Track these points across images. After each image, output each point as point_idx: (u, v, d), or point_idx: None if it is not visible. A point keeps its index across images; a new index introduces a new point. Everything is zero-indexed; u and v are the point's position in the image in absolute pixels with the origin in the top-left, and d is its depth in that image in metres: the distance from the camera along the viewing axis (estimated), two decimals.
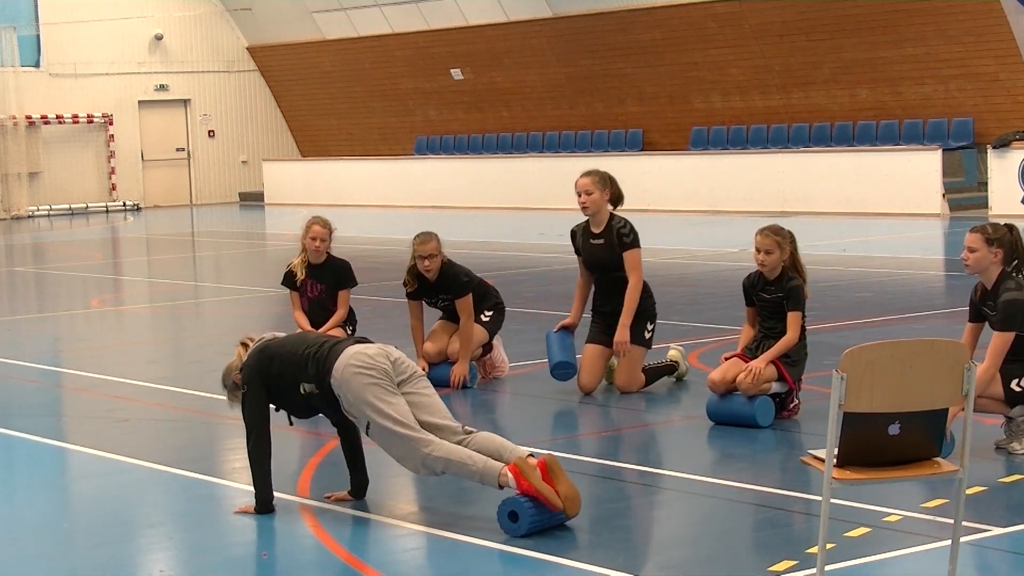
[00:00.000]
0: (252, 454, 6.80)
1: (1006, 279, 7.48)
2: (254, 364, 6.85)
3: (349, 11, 34.70)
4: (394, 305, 13.46)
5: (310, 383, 6.75)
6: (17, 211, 34.82)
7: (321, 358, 6.73)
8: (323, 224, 10.62)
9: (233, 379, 7.00)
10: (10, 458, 8.70)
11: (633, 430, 8.98)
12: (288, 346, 6.88)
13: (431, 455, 6.54)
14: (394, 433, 6.59)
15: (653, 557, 6.20)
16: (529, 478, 6.36)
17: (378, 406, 6.60)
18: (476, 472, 6.50)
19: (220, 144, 38.06)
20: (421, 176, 32.99)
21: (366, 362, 6.66)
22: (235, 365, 6.99)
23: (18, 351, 12.73)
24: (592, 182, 9.76)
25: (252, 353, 6.89)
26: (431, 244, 9.96)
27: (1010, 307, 7.36)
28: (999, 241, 7.48)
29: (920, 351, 5.14)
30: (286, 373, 6.80)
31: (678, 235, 23.45)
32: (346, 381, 6.64)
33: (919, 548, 6.04)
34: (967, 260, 7.57)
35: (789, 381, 8.57)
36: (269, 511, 6.77)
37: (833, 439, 5.12)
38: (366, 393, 6.62)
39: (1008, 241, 7.50)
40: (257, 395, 6.82)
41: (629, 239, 9.67)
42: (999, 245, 7.48)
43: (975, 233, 7.54)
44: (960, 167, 25.74)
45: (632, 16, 29.37)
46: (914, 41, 25.77)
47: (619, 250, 9.68)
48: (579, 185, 9.84)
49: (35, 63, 35.65)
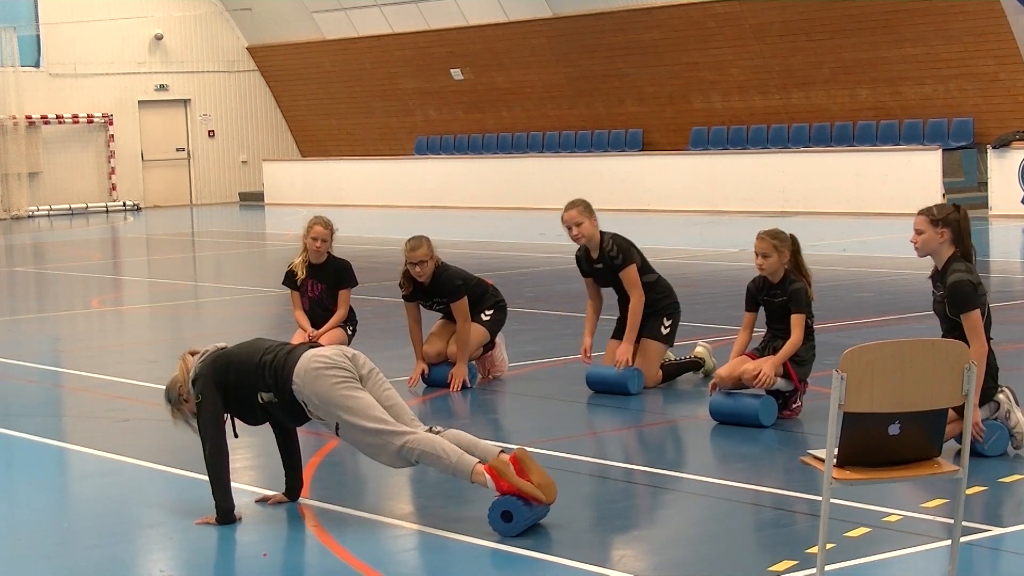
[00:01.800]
0: (210, 463, 6.73)
1: (955, 262, 7.47)
2: (209, 373, 6.78)
3: (349, 11, 34.70)
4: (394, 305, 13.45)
5: (268, 392, 6.73)
6: (17, 211, 34.82)
7: (279, 367, 6.70)
8: (324, 224, 10.63)
9: (179, 392, 6.90)
10: (10, 458, 8.69)
11: (633, 430, 8.98)
12: (243, 355, 6.83)
13: (406, 446, 6.53)
14: (366, 429, 6.57)
15: (653, 557, 6.20)
16: (507, 478, 6.38)
17: (346, 404, 6.58)
18: (449, 465, 6.50)
19: (220, 144, 38.06)
20: (421, 176, 32.99)
21: (326, 362, 6.65)
22: (179, 378, 6.90)
23: (18, 351, 12.73)
24: (579, 213, 9.86)
25: (205, 363, 6.81)
26: (421, 250, 9.94)
27: (957, 288, 7.36)
28: (944, 221, 7.48)
29: (920, 351, 5.14)
30: (243, 383, 6.77)
31: (678, 235, 23.45)
32: (309, 384, 6.62)
33: (919, 548, 6.04)
34: (915, 242, 7.59)
35: (795, 381, 8.58)
36: (230, 521, 6.70)
37: (833, 439, 5.12)
38: (332, 392, 6.60)
39: (954, 220, 7.50)
40: (213, 404, 6.76)
41: (620, 260, 9.77)
42: (944, 225, 7.48)
43: (921, 215, 7.55)
44: (960, 167, 25.74)
45: (632, 16, 29.37)
46: (914, 41, 25.77)
47: (616, 272, 9.81)
48: (567, 219, 9.89)
49: (35, 63, 35.65)
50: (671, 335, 9.88)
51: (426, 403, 9.83)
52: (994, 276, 17.00)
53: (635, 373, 9.53)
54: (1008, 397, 7.61)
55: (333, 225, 10.74)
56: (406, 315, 10.26)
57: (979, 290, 7.41)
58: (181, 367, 6.91)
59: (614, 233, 9.98)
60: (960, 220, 7.50)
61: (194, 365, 6.85)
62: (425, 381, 10.16)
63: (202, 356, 6.88)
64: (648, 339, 9.80)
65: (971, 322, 7.34)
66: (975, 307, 7.35)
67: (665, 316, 9.87)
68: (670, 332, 9.87)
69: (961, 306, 7.37)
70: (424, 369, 10.13)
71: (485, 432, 8.83)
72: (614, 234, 9.96)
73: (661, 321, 9.84)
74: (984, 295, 7.44)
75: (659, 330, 9.82)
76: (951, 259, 7.48)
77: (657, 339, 9.81)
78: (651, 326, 9.81)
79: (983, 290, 7.46)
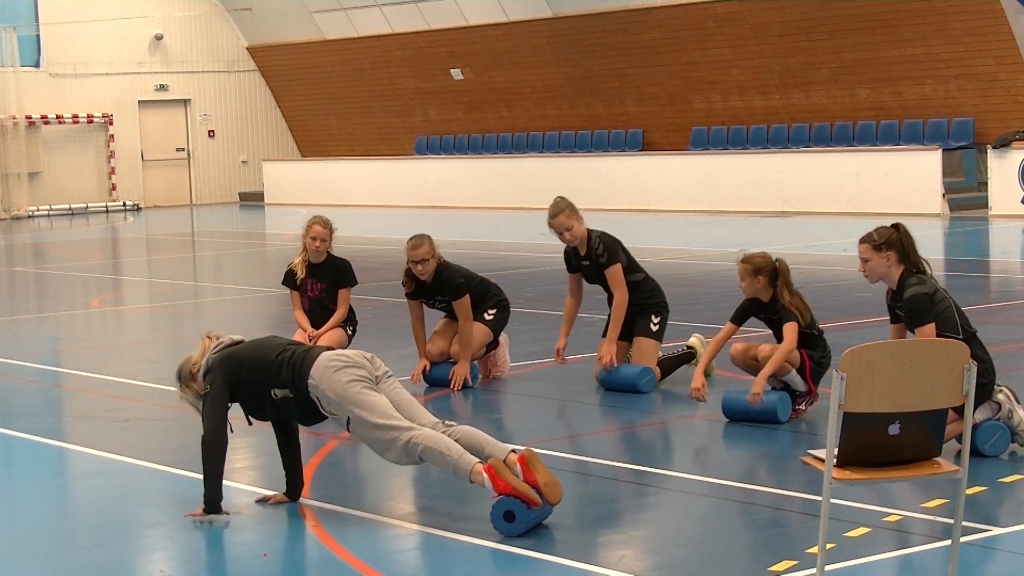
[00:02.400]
0: (205, 454, 6.78)
1: (908, 277, 7.57)
2: (221, 367, 6.85)
3: (349, 11, 34.70)
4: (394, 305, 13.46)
5: (283, 388, 6.79)
6: (17, 211, 34.82)
7: (297, 363, 6.78)
8: (323, 224, 10.64)
9: (191, 370, 6.98)
10: (10, 458, 8.70)
11: (633, 430, 8.98)
12: (258, 352, 6.91)
13: (411, 441, 6.59)
14: (375, 425, 6.63)
15: (653, 557, 6.20)
16: (505, 478, 6.39)
17: (358, 399, 6.66)
18: (451, 463, 6.55)
19: (220, 144, 38.06)
20: (421, 176, 32.99)
21: (345, 360, 6.77)
22: (195, 358, 6.98)
23: (18, 351, 12.73)
24: (567, 217, 9.88)
25: (219, 358, 6.87)
26: (423, 248, 9.95)
27: (912, 303, 7.46)
28: (887, 244, 7.60)
29: (920, 351, 5.15)
30: (257, 378, 6.83)
31: (678, 235, 23.45)
32: (326, 379, 6.70)
33: (919, 548, 6.04)
34: (864, 271, 7.72)
35: (811, 385, 8.62)
36: (217, 512, 6.74)
37: (833, 439, 5.12)
38: (347, 389, 6.68)
39: (896, 240, 7.60)
40: (220, 397, 6.83)
41: (605, 258, 9.82)
42: (888, 247, 7.60)
43: (863, 243, 7.67)
44: (960, 167, 25.74)
45: (632, 16, 29.37)
46: (914, 41, 25.77)
47: (602, 271, 9.86)
48: (557, 225, 9.90)
49: (35, 63, 35.65)
50: (660, 332, 9.93)
51: (428, 403, 9.83)
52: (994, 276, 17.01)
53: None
54: (1008, 396, 7.62)
55: (332, 225, 10.75)
56: (409, 313, 10.27)
57: (936, 298, 7.49)
58: (201, 347, 6.99)
59: (601, 231, 10.03)
60: (902, 238, 7.63)
61: (207, 354, 6.91)
62: (426, 380, 10.17)
63: (216, 346, 6.95)
64: (641, 337, 9.89)
65: (924, 336, 7.41)
66: (929, 321, 7.44)
67: (653, 314, 9.93)
68: (659, 329, 9.92)
69: (915, 319, 7.48)
70: (426, 366, 10.15)
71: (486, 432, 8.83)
72: (601, 232, 10.01)
73: (650, 318, 9.90)
74: (944, 300, 7.51)
75: (649, 327, 9.90)
76: (903, 277, 7.61)
77: (649, 336, 9.89)
78: (641, 324, 9.90)
79: (943, 295, 7.54)
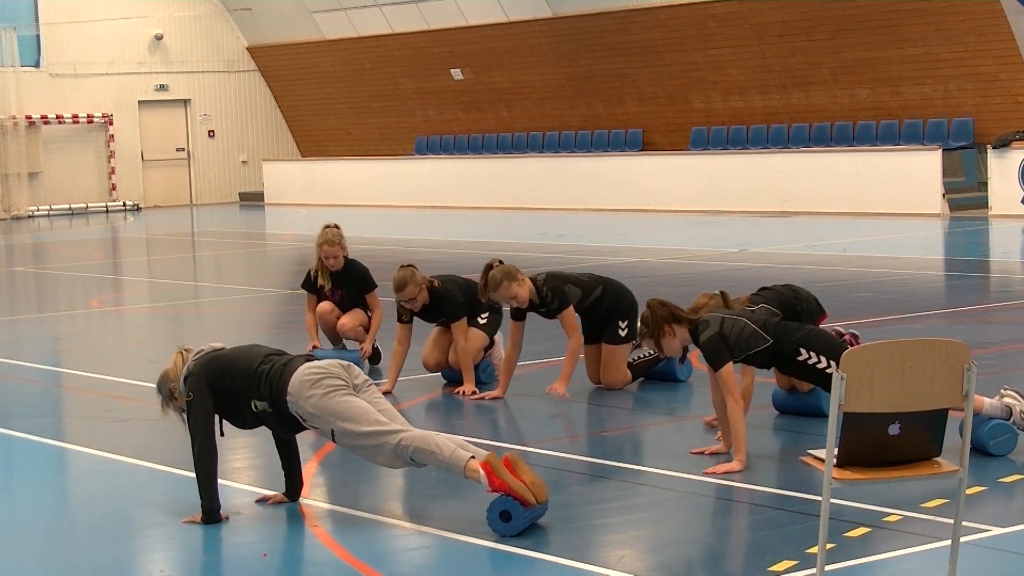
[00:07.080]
0: (198, 463, 6.75)
1: (695, 328, 7.59)
2: (202, 373, 6.81)
3: (349, 11, 34.70)
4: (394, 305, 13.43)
5: (263, 401, 6.77)
6: (17, 211, 34.82)
7: (275, 377, 6.73)
8: (331, 241, 11.08)
9: (170, 387, 6.94)
10: (10, 458, 8.69)
11: (633, 430, 8.98)
12: (239, 361, 6.86)
13: (400, 443, 6.57)
14: (361, 433, 6.60)
15: (653, 557, 6.20)
16: (502, 476, 6.39)
17: (339, 409, 6.62)
18: (443, 460, 6.53)
19: (220, 144, 38.07)
20: (421, 176, 33.00)
21: (320, 372, 6.70)
22: (172, 374, 6.92)
23: (18, 351, 12.73)
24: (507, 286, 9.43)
25: (200, 363, 6.83)
26: (407, 289, 9.86)
27: (707, 349, 7.52)
28: (655, 324, 7.60)
29: (920, 351, 5.14)
30: (237, 388, 6.80)
31: (678, 235, 23.45)
32: (302, 394, 6.65)
33: (919, 548, 6.04)
34: (669, 355, 7.93)
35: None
36: (215, 520, 6.72)
37: (833, 439, 5.12)
38: (326, 402, 6.63)
39: (662, 317, 7.59)
40: (204, 403, 6.79)
41: (555, 305, 9.61)
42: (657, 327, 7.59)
43: (648, 339, 7.69)
44: (960, 167, 25.74)
45: (632, 16, 29.37)
46: (914, 41, 25.77)
47: (555, 316, 9.66)
48: (500, 296, 9.50)
49: (35, 63, 35.66)
50: (630, 334, 9.83)
51: (428, 402, 9.83)
52: (994, 276, 17.01)
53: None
54: (1017, 399, 7.64)
55: (340, 234, 11.15)
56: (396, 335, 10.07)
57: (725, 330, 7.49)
58: (175, 361, 6.94)
59: (545, 275, 9.75)
60: (663, 313, 7.61)
61: (188, 363, 6.87)
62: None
63: (196, 355, 6.90)
64: (608, 345, 9.82)
65: (722, 378, 7.48)
66: (726, 362, 7.46)
67: (619, 319, 9.86)
68: (628, 332, 9.83)
69: (717, 361, 7.50)
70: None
71: (486, 432, 8.84)
72: (545, 277, 9.72)
73: (617, 324, 9.83)
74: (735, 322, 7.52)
75: (616, 333, 9.83)
76: (692, 331, 7.62)
77: (617, 343, 9.82)
78: (608, 333, 9.82)
79: (731, 321, 7.53)
